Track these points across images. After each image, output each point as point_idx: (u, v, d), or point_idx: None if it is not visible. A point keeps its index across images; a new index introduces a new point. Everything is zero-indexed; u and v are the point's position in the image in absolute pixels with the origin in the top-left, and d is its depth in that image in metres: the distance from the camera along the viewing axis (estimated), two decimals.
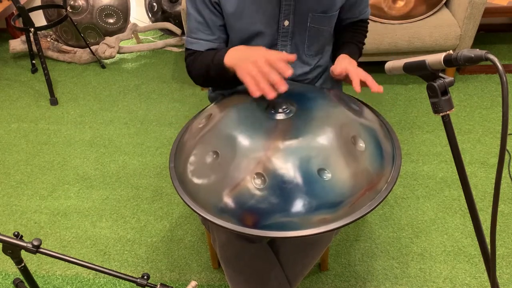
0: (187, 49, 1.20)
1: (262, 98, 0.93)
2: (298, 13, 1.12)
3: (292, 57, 0.96)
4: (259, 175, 0.85)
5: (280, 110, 0.96)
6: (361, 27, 1.29)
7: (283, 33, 1.15)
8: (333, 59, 1.28)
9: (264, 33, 1.14)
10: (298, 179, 0.84)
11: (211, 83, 1.22)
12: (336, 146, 0.88)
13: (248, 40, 1.16)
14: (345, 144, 0.89)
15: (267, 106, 0.98)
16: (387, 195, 0.88)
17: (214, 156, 0.91)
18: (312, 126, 0.92)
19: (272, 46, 1.17)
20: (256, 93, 0.92)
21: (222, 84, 1.17)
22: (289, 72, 0.92)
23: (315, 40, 1.19)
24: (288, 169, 0.85)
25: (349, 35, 1.27)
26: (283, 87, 0.90)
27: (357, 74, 1.06)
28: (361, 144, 0.91)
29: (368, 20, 1.32)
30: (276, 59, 0.93)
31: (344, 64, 1.12)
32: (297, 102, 0.99)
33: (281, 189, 0.84)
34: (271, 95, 0.90)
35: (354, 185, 0.86)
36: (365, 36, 1.31)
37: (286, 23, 1.13)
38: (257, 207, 0.84)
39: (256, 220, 0.84)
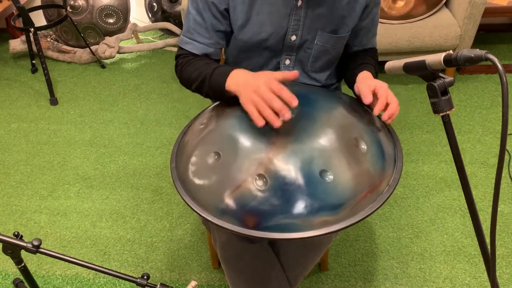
0: (180, 47, 1.15)
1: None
2: (306, 29, 1.10)
3: (294, 73, 0.93)
4: (260, 176, 0.85)
5: None
6: (371, 53, 1.23)
7: (289, 47, 1.13)
8: (348, 82, 1.21)
9: (268, 45, 1.12)
10: (300, 180, 0.84)
11: (201, 93, 1.13)
12: (338, 147, 0.88)
13: (250, 50, 1.14)
14: (347, 146, 0.89)
15: None
16: (388, 198, 0.88)
17: (216, 157, 0.91)
18: (314, 128, 0.91)
19: (275, 58, 1.16)
20: (259, 122, 0.87)
21: (214, 99, 1.12)
22: (294, 103, 0.87)
23: (320, 57, 1.17)
24: (290, 170, 0.84)
25: (361, 59, 1.20)
26: (287, 115, 0.86)
27: (386, 96, 0.99)
28: (363, 146, 0.91)
29: (377, 48, 1.27)
30: (279, 88, 0.88)
31: (374, 82, 1.02)
32: (299, 104, 0.98)
33: (282, 190, 0.83)
34: (276, 123, 0.86)
35: (356, 187, 0.86)
36: (377, 61, 1.24)
37: (293, 38, 1.11)
38: (258, 208, 0.83)
39: (257, 221, 0.84)
